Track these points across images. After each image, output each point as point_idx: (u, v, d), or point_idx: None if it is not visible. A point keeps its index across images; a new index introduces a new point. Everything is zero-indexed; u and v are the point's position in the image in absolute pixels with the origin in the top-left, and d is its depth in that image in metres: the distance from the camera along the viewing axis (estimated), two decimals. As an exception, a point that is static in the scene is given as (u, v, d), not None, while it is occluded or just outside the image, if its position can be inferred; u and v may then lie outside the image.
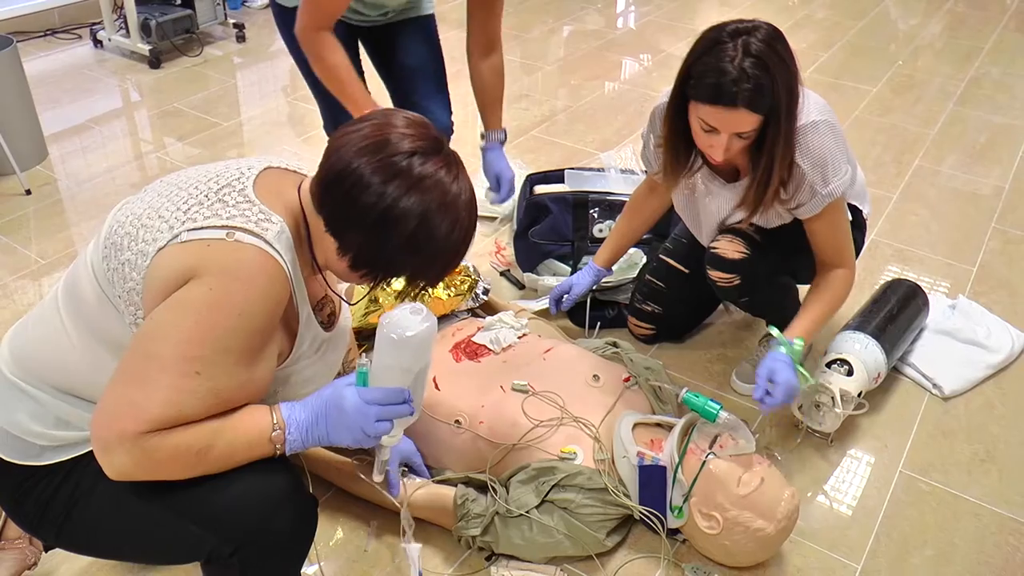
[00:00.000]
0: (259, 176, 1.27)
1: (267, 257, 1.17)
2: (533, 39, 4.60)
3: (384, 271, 1.27)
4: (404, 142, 1.21)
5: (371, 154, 1.20)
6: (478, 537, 1.71)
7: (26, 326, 1.34)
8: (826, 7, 5.21)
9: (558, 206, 2.49)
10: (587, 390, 1.90)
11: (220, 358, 1.15)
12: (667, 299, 2.26)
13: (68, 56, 4.22)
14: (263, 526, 1.23)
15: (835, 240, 1.88)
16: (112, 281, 1.21)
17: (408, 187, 1.19)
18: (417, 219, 1.20)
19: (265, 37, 4.51)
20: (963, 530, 1.86)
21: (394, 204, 1.19)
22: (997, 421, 2.15)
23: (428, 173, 1.21)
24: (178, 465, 1.17)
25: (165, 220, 1.19)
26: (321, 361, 1.41)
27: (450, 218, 1.23)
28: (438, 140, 1.26)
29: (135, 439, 1.12)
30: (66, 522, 1.27)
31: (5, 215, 2.88)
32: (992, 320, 2.43)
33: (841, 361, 2.02)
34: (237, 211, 1.19)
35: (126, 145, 3.41)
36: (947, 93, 4.04)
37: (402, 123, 1.24)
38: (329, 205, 1.23)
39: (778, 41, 1.63)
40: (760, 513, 1.64)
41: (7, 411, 1.28)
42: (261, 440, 1.23)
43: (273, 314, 1.20)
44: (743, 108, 1.61)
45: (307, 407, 1.27)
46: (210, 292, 1.13)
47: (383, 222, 1.20)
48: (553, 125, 3.65)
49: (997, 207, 3.09)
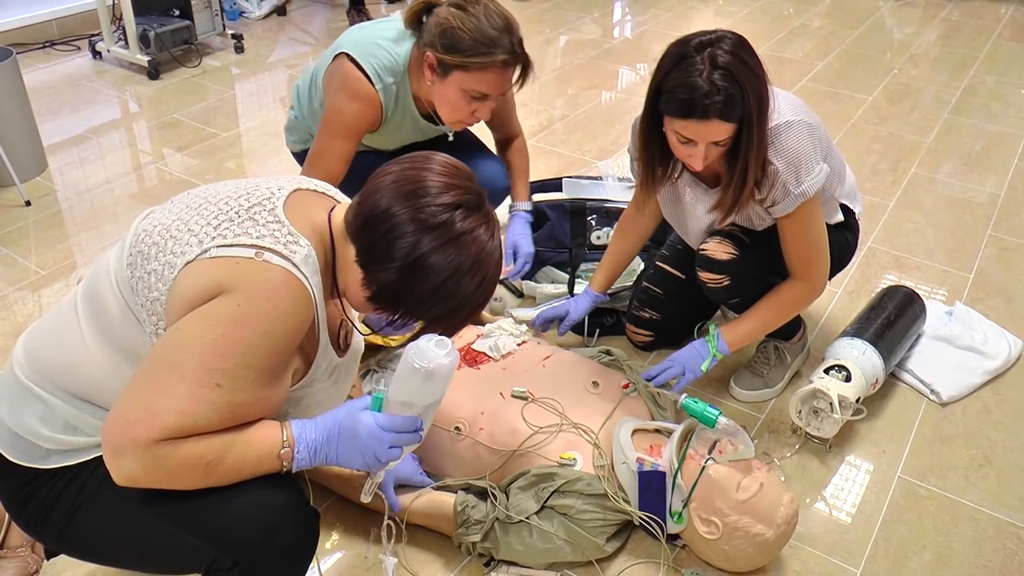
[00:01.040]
0: (290, 197, 1.28)
1: (293, 279, 1.18)
2: (530, 49, 4.56)
3: (404, 313, 1.28)
4: (446, 195, 1.23)
5: (415, 198, 1.22)
6: (478, 543, 1.71)
7: (42, 329, 1.34)
8: (822, 16, 5.23)
9: (556, 213, 2.50)
10: (586, 396, 1.91)
11: (241, 373, 1.16)
12: (665, 305, 2.27)
13: (67, 67, 4.23)
14: (265, 541, 1.23)
15: (803, 246, 1.89)
16: (136, 290, 1.21)
17: (446, 241, 1.22)
18: (448, 272, 1.23)
19: (263, 48, 4.53)
20: (961, 534, 1.87)
21: (428, 254, 1.21)
22: (994, 426, 2.16)
23: (468, 229, 1.23)
24: (187, 475, 1.18)
25: (195, 234, 1.20)
26: (334, 387, 1.42)
27: (480, 275, 1.26)
28: (480, 195, 1.28)
29: (148, 446, 1.13)
30: (68, 526, 1.27)
31: (5, 226, 2.88)
32: (989, 326, 2.44)
33: (839, 367, 2.03)
34: (267, 231, 1.20)
35: (125, 156, 3.42)
36: (942, 101, 4.06)
37: (440, 168, 1.26)
38: (364, 240, 1.25)
39: (743, 49, 1.67)
40: (759, 518, 1.65)
41: (16, 412, 1.29)
42: (270, 456, 1.23)
43: (296, 336, 1.21)
44: (716, 119, 1.65)
45: (319, 427, 1.28)
46: (238, 308, 1.14)
47: (414, 269, 1.22)
48: (551, 134, 3.66)
49: (993, 214, 3.11)
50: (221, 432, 1.18)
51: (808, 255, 1.91)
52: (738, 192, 1.79)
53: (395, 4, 5.30)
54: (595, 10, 5.29)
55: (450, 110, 1.98)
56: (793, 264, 1.92)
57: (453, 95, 1.93)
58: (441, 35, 1.89)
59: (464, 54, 1.87)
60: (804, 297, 1.97)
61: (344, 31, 2.15)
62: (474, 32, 1.86)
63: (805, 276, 1.93)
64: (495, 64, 1.87)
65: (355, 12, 4.76)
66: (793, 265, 1.93)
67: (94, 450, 1.28)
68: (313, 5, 5.24)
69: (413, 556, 1.76)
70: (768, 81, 1.71)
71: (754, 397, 2.21)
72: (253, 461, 1.22)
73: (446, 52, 1.89)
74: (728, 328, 1.99)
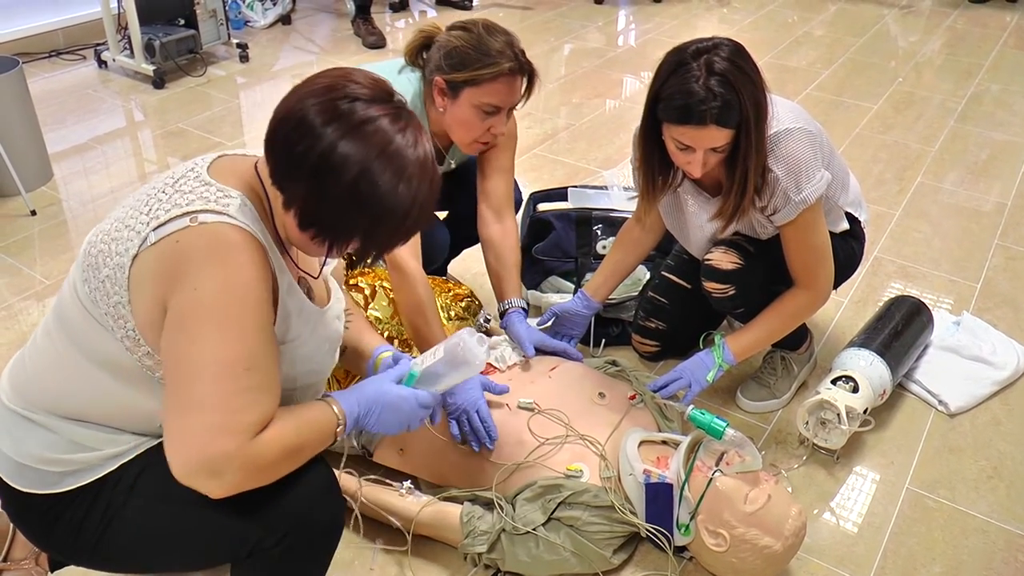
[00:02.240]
0: (214, 162, 1.26)
1: (234, 229, 1.15)
2: (534, 57, 4.58)
3: (332, 231, 1.21)
4: (354, 88, 1.18)
5: (316, 96, 1.17)
6: (484, 554, 1.70)
7: (23, 361, 1.33)
8: (826, 24, 5.24)
9: (561, 223, 2.50)
10: (593, 407, 1.90)
11: (251, 342, 1.16)
12: (670, 315, 2.26)
13: (72, 76, 4.25)
14: (307, 516, 1.26)
15: (806, 254, 1.89)
16: (96, 300, 1.20)
17: (346, 131, 1.14)
18: (357, 167, 1.14)
19: (268, 57, 4.54)
20: (971, 547, 1.85)
21: (331, 148, 1.14)
22: (1004, 437, 2.15)
23: (370, 117, 1.16)
24: (281, 466, 1.20)
25: (131, 228, 1.18)
26: (312, 336, 1.37)
27: (393, 169, 1.16)
28: (390, 92, 1.22)
29: (239, 452, 1.13)
30: (100, 542, 1.27)
31: (10, 236, 2.89)
32: (997, 336, 2.43)
33: (846, 378, 2.02)
34: (195, 195, 1.18)
35: (130, 165, 3.42)
36: (948, 110, 4.05)
37: (360, 76, 1.21)
38: (273, 153, 1.20)
39: (740, 56, 1.67)
40: (767, 530, 1.64)
41: (19, 444, 1.28)
42: (331, 432, 1.29)
43: (264, 279, 1.18)
44: (713, 125, 1.65)
45: (360, 402, 1.34)
46: (196, 293, 1.12)
47: (321, 169, 1.14)
48: (555, 143, 3.66)
49: (1000, 223, 3.10)
50: (284, 418, 1.20)
51: (811, 263, 1.90)
52: (739, 199, 1.79)
53: (399, 13, 5.31)
54: (599, 19, 5.29)
55: (465, 130, 1.98)
56: (797, 272, 1.92)
57: (466, 113, 1.93)
58: (446, 56, 1.90)
59: (472, 68, 1.87)
60: (809, 305, 1.96)
61: (347, 38, 2.14)
62: (478, 46, 1.88)
63: (809, 284, 1.92)
64: (503, 73, 1.88)
65: (360, 21, 4.76)
66: (797, 273, 1.92)
67: (108, 463, 1.28)
68: (318, 14, 5.25)
69: (419, 567, 1.76)
70: (766, 88, 1.71)
71: (761, 408, 2.21)
72: (320, 440, 1.27)
73: (454, 71, 1.89)
74: (733, 338, 1.98)
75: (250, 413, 1.15)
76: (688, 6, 5.54)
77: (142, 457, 1.29)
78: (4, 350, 2.35)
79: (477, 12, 5.28)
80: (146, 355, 1.21)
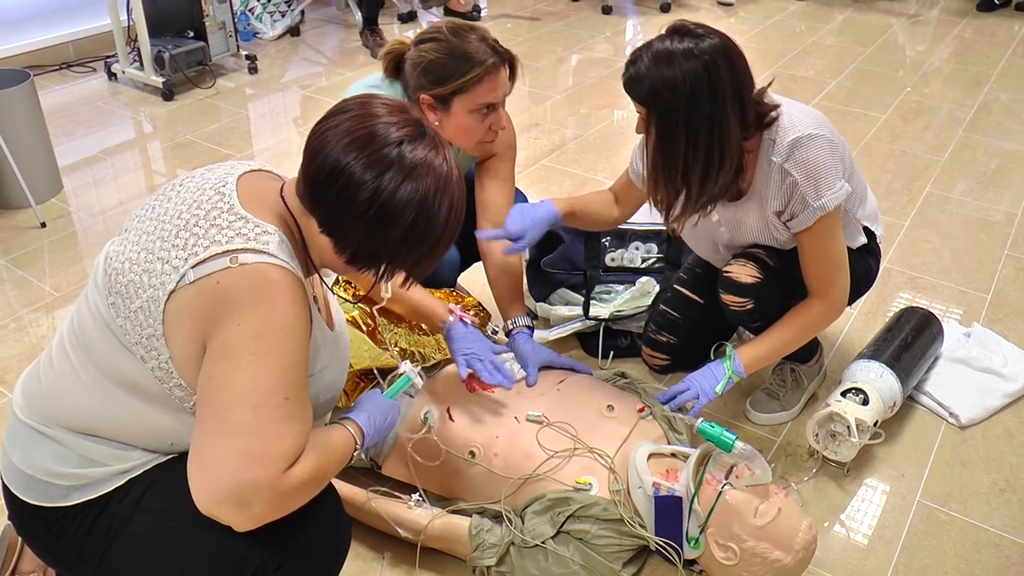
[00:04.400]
0: (239, 188, 1.26)
1: (275, 268, 1.16)
2: (542, 68, 4.63)
3: (387, 263, 1.27)
4: (391, 131, 1.20)
5: (359, 149, 1.19)
6: (493, 567, 1.70)
7: (37, 374, 1.34)
8: (834, 34, 5.23)
9: (570, 235, 2.49)
10: (601, 420, 1.90)
11: (291, 375, 1.17)
12: (682, 329, 2.25)
13: (82, 89, 4.27)
14: (311, 540, 1.26)
15: (822, 262, 1.86)
16: (126, 330, 1.20)
17: (403, 177, 1.19)
18: (415, 208, 1.20)
19: (277, 68, 4.56)
20: (984, 561, 1.84)
21: (391, 197, 1.19)
22: (1016, 450, 2.13)
23: (420, 159, 1.21)
24: (304, 494, 1.21)
25: (166, 261, 1.18)
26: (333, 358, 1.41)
27: (447, 199, 1.24)
28: (420, 123, 1.25)
29: (268, 483, 1.13)
30: (104, 558, 1.27)
31: (20, 248, 2.90)
32: (1008, 348, 2.41)
33: (856, 390, 2.01)
34: (233, 231, 1.18)
35: (139, 177, 3.44)
36: (956, 119, 4.04)
37: (383, 111, 1.23)
38: (322, 206, 1.22)
39: (720, 54, 1.65)
40: (777, 544, 1.63)
41: (30, 456, 1.28)
42: (348, 454, 1.33)
43: (304, 318, 1.20)
44: (632, 93, 1.74)
45: (368, 424, 1.39)
46: (239, 328, 1.13)
47: (381, 216, 1.19)
48: (563, 154, 3.66)
49: (1010, 233, 3.08)
50: (308, 447, 1.21)
51: (827, 272, 1.87)
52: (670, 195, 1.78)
53: (408, 24, 5.33)
54: (607, 29, 5.30)
55: (468, 136, 1.97)
56: (812, 282, 1.89)
57: (464, 121, 1.92)
58: (424, 73, 1.88)
59: (455, 78, 1.86)
60: (823, 317, 1.92)
61: (355, 49, 2.14)
62: (453, 53, 1.86)
63: (824, 295, 1.89)
64: (488, 71, 1.87)
65: (369, 32, 4.78)
66: (812, 283, 1.89)
67: (116, 479, 1.28)
68: (326, 25, 5.27)
69: (427, 582, 1.76)
70: (744, 91, 1.68)
71: (770, 420, 2.20)
72: (339, 465, 1.30)
73: (437, 86, 1.88)
74: (745, 349, 1.96)
75: (285, 441, 1.15)
76: (696, 16, 5.53)
77: (149, 473, 1.29)
78: (14, 362, 2.36)
79: (485, 23, 5.29)
80: (177, 387, 1.21)
